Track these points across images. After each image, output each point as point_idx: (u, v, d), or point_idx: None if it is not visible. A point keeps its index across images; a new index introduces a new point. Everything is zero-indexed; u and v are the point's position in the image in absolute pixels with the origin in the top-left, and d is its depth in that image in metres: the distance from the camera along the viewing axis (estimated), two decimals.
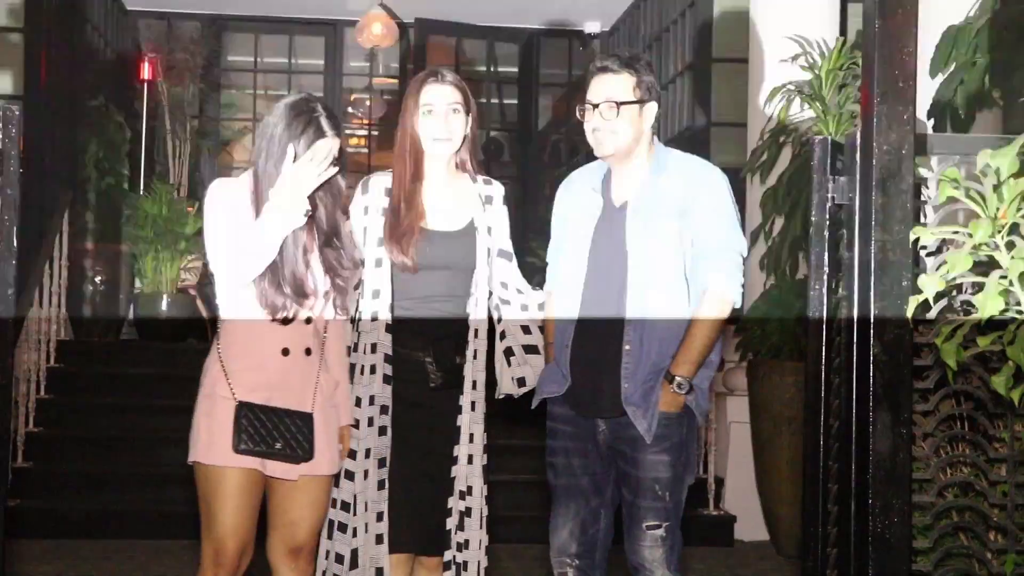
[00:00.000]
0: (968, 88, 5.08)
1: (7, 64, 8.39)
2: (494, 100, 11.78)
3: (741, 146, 7.62)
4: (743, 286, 3.69)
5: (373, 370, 3.67)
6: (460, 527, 3.70)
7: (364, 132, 12.89)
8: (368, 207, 3.72)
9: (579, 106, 3.71)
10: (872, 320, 2.85)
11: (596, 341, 3.68)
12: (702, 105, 8.80)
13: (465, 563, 3.71)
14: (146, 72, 9.72)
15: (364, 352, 3.68)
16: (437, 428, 3.71)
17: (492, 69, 11.66)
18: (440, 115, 3.64)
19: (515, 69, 11.76)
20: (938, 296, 2.85)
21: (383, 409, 3.66)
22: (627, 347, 3.63)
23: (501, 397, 3.88)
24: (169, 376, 7.42)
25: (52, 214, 8.18)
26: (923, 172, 3.11)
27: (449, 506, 3.69)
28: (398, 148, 3.71)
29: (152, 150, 9.74)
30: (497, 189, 3.82)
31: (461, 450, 3.70)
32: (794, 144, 6.43)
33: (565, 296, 3.77)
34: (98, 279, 8.30)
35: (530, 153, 11.82)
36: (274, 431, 3.44)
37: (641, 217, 3.66)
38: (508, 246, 3.83)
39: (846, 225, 3.01)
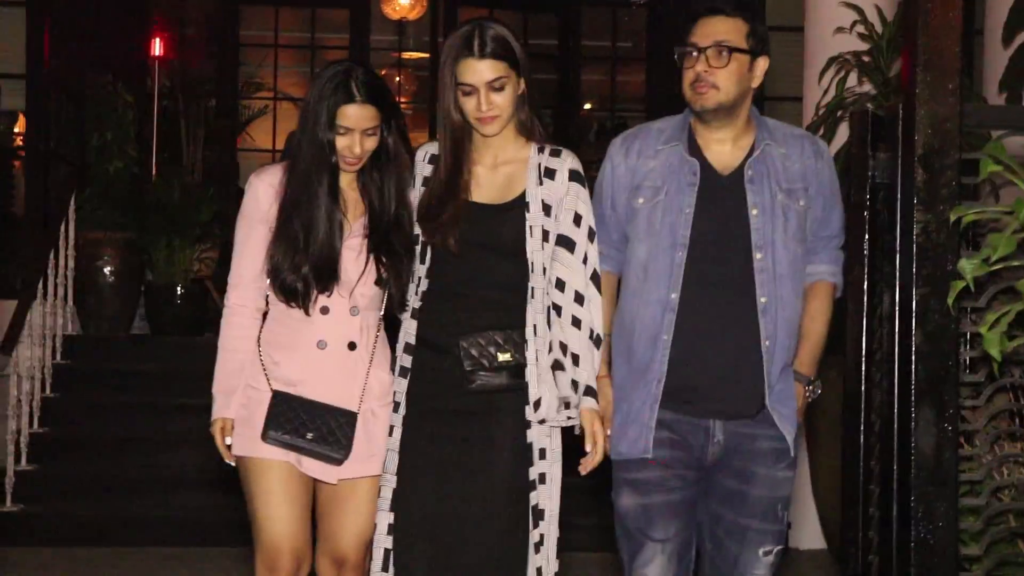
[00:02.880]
0: None
1: (9, 40, 8.50)
2: (532, 76, 11.78)
3: (797, 121, 7.57)
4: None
5: (394, 364, 3.51)
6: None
7: None
8: (415, 178, 3.54)
9: (678, 49, 3.37)
10: (914, 308, 2.84)
11: (712, 335, 3.33)
12: None
13: None
14: (158, 48, 9.80)
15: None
16: (485, 442, 3.37)
17: (528, 42, 11.66)
18: (481, 94, 3.35)
19: (554, 41, 11.75)
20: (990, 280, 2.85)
21: (395, 406, 3.46)
22: (766, 343, 3.30)
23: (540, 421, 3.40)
24: (183, 372, 7.44)
25: (58, 200, 8.29)
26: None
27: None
28: (440, 116, 3.47)
29: (164, 131, 9.82)
30: (564, 162, 3.44)
31: (533, 470, 3.35)
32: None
33: (653, 281, 3.36)
34: (107, 269, 8.36)
35: (572, 133, 11.81)
36: (308, 423, 3.43)
37: (766, 190, 3.34)
38: (573, 233, 3.39)
39: (887, 205, 3.00)
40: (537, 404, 3.33)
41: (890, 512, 2.99)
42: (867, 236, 3.12)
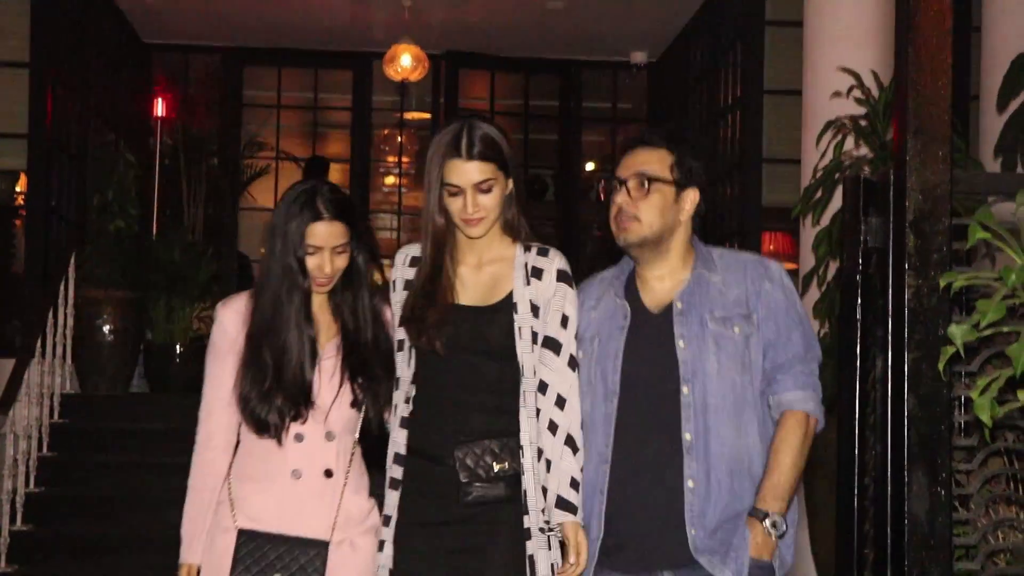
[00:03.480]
0: None
1: (12, 100, 8.58)
2: (532, 136, 11.87)
3: (795, 182, 7.63)
4: (823, 400, 3.30)
5: (373, 485, 3.43)
6: None
7: (396, 171, 13.06)
8: (396, 281, 3.43)
9: (603, 183, 3.38)
10: (906, 372, 2.86)
11: (643, 481, 3.18)
12: (754, 140, 8.84)
13: None
14: (160, 108, 9.90)
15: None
16: (481, 555, 3.22)
17: (529, 103, 11.75)
18: (468, 196, 3.28)
19: (555, 103, 11.84)
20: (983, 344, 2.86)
21: (386, 520, 3.35)
22: (690, 483, 3.14)
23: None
24: (181, 432, 7.21)
25: (57, 258, 8.33)
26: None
27: None
28: (424, 217, 3.38)
29: (165, 190, 9.90)
30: (552, 261, 3.34)
31: None
32: None
33: (592, 434, 3.25)
34: (106, 328, 8.38)
35: (574, 191, 11.89)
36: (276, 561, 3.29)
37: (695, 322, 3.21)
38: (559, 335, 3.29)
39: (879, 269, 3.02)
40: (536, 510, 3.22)
41: None
42: (859, 300, 3.14)
